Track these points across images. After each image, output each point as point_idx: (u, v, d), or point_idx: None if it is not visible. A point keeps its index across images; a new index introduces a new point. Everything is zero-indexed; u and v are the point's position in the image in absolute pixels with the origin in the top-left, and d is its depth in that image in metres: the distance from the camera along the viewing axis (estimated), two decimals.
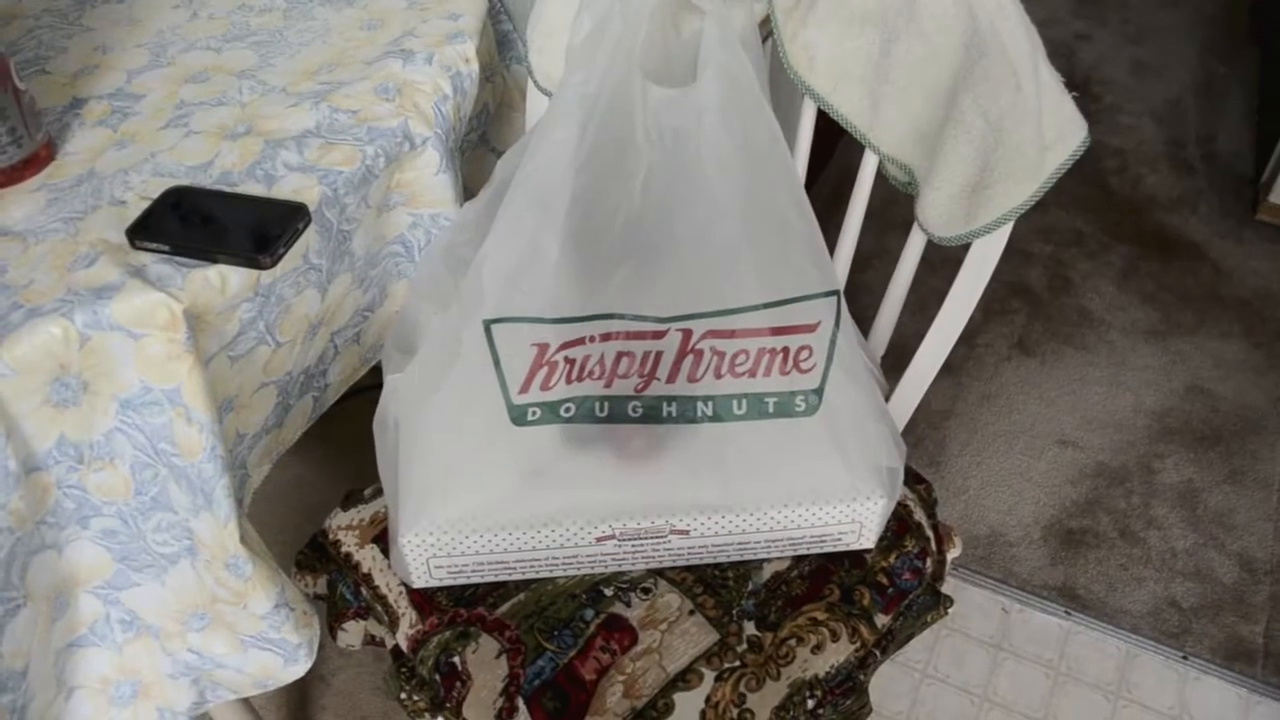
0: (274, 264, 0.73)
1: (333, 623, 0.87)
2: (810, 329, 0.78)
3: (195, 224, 0.73)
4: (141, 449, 0.73)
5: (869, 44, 0.85)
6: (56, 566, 0.76)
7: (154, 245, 0.72)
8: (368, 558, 0.85)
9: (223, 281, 0.72)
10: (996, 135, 0.77)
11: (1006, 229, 0.79)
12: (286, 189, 0.78)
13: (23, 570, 0.72)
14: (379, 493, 0.90)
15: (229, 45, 0.97)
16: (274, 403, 0.84)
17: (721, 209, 0.78)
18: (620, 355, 0.78)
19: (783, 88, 0.90)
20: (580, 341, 0.77)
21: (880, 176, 0.89)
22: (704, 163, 0.78)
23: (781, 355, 0.78)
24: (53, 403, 0.70)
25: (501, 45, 1.08)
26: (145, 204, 0.77)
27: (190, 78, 0.92)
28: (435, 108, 0.87)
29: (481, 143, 1.08)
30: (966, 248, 0.82)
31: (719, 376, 0.78)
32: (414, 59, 0.90)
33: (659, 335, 0.78)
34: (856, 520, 0.81)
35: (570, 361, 0.77)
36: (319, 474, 1.16)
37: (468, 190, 0.95)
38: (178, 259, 0.72)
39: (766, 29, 0.89)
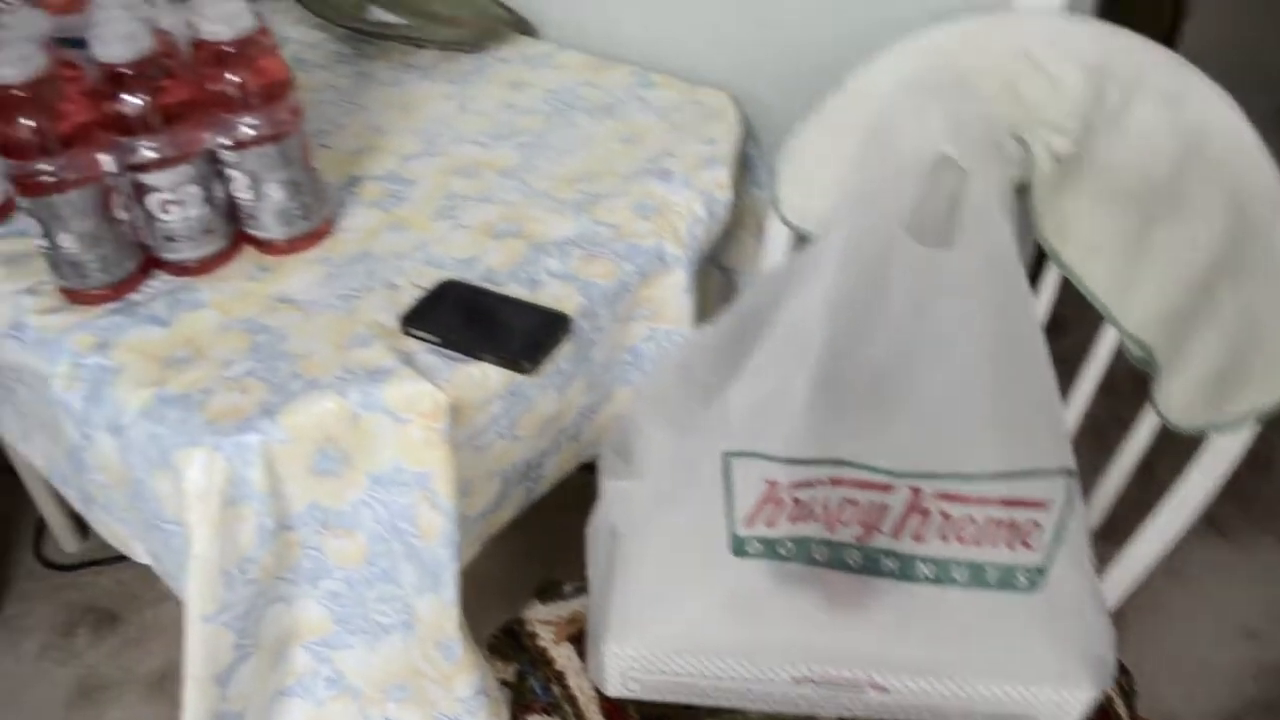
0: (535, 370, 0.76)
1: (518, 712, 0.89)
2: (1041, 505, 0.77)
3: (464, 319, 0.78)
4: (382, 523, 0.77)
5: (1128, 222, 0.85)
6: (283, 619, 0.80)
7: (425, 335, 0.77)
8: (563, 656, 0.87)
9: (484, 379, 0.76)
10: (1253, 329, 0.76)
11: (1251, 428, 0.78)
12: (548, 295, 0.82)
13: (258, 620, 0.77)
14: (580, 591, 0.92)
15: (495, 142, 1.02)
16: (496, 491, 0.87)
17: (965, 372, 0.79)
18: (846, 502, 0.79)
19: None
20: (810, 483, 0.78)
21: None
22: (954, 324, 0.79)
23: (1009, 527, 0.78)
24: (315, 470, 0.74)
25: (742, 168, 1.12)
26: (416, 291, 0.82)
27: (458, 170, 0.98)
28: (689, 230, 0.91)
29: (708, 258, 1.11)
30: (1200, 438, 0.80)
31: (943, 539, 0.78)
32: (672, 180, 0.94)
33: (887, 488, 0.79)
34: (1061, 706, 0.79)
35: (797, 501, 0.78)
36: (506, 556, 1.19)
37: None
38: (445, 351, 0.76)
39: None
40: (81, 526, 1.61)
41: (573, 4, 1.20)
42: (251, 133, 0.80)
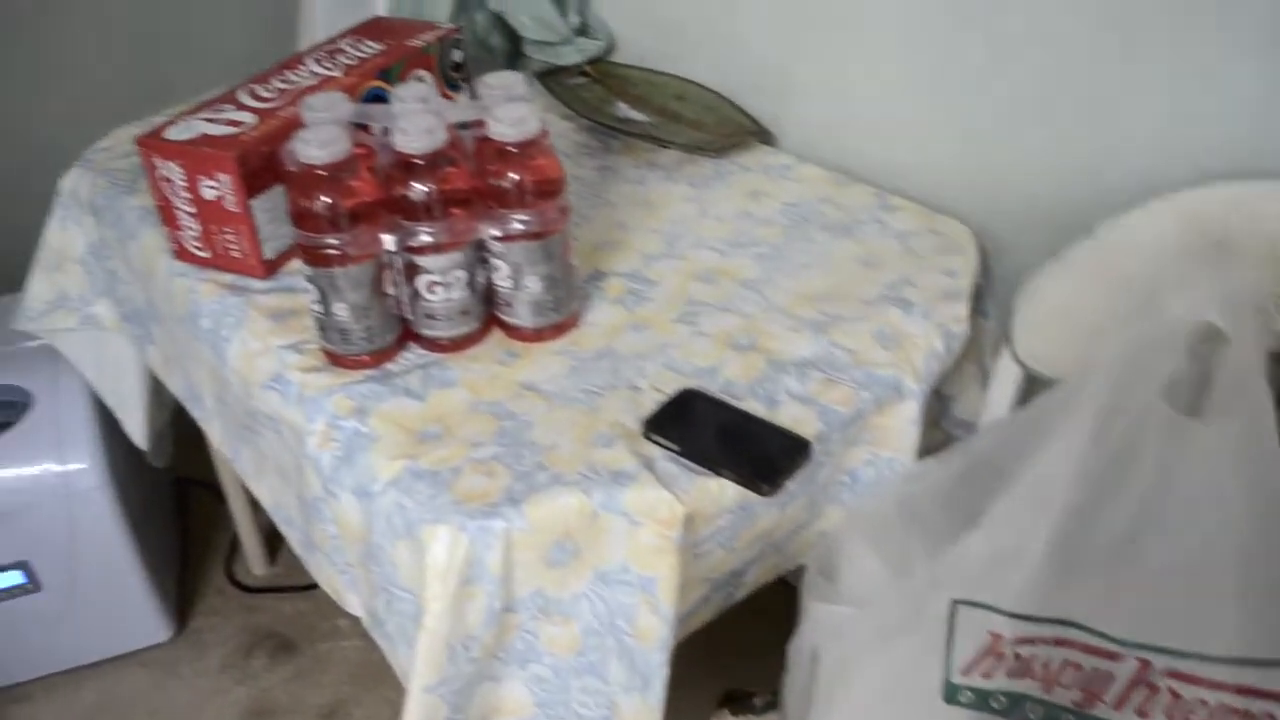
0: (773, 494, 0.77)
1: None
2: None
3: (704, 431, 0.79)
4: (599, 617, 0.79)
5: None
6: (490, 696, 0.82)
7: (666, 443, 0.78)
8: None
9: (720, 493, 0.77)
10: None
11: None
12: (786, 416, 0.83)
13: (470, 695, 0.79)
14: (770, 706, 0.91)
15: (734, 250, 1.04)
16: (700, 596, 0.87)
17: (1212, 545, 0.76)
18: (1068, 664, 0.77)
19: None
20: (1033, 640, 0.76)
21: None
22: (1203, 494, 0.77)
23: (1243, 717, 0.74)
24: (547, 560, 0.76)
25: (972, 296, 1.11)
26: (657, 395, 0.84)
27: (699, 275, 1.00)
28: (925, 364, 0.90)
29: None
30: None
31: (1169, 719, 0.75)
32: (912, 311, 0.94)
33: (1115, 657, 0.76)
34: None
35: (1018, 656, 0.76)
36: (686, 653, 1.19)
37: None
38: (685, 461, 0.78)
39: None
40: (271, 552, 1.69)
41: (816, 119, 1.22)
42: (521, 227, 0.84)
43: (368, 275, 0.84)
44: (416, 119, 0.81)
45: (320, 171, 0.80)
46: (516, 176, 0.83)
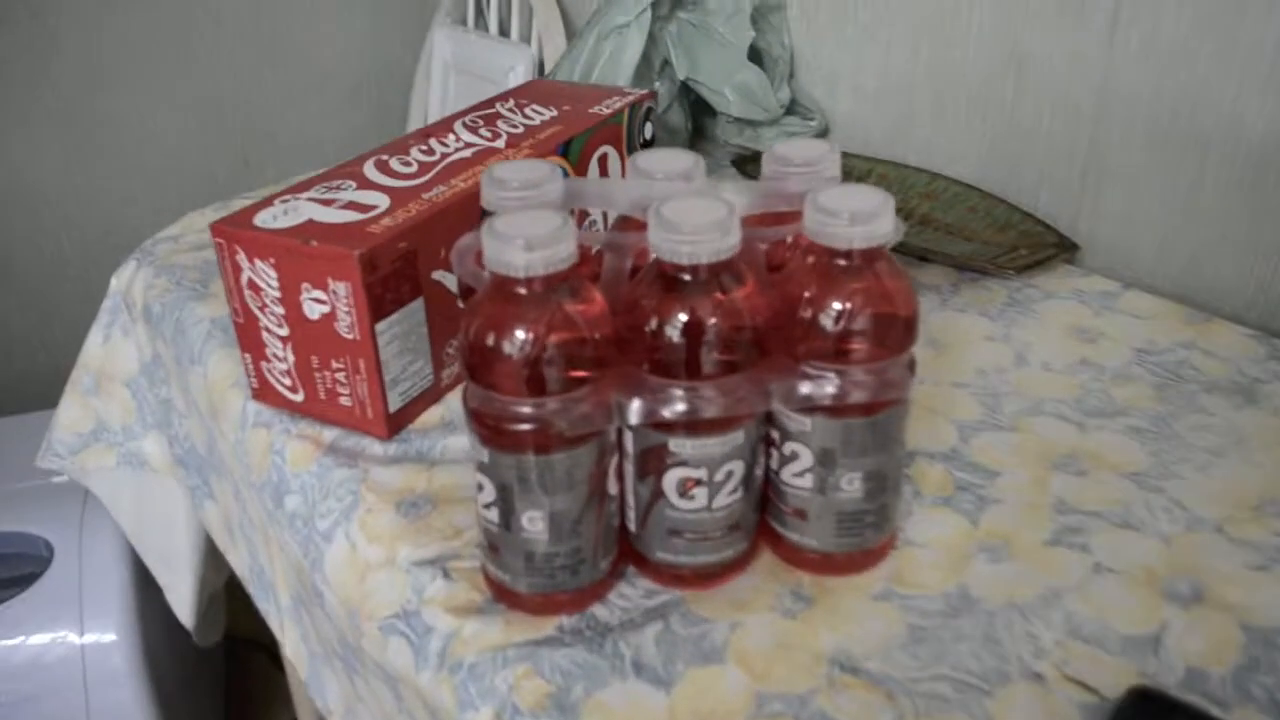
0: None
1: None
2: None
3: None
4: None
5: None
6: None
7: None
8: None
9: None
10: None
11: None
12: None
13: None
14: None
15: (1091, 420, 0.68)
16: None
17: None
18: None
19: None
20: None
21: None
22: None
23: None
24: None
25: None
26: (1079, 694, 0.47)
27: (1055, 460, 0.64)
28: None
29: None
30: None
31: None
32: None
33: None
34: None
35: None
36: None
37: None
38: None
39: None
40: None
41: (1130, 226, 0.87)
42: (843, 392, 0.49)
43: (584, 467, 0.49)
44: (693, 207, 0.46)
45: (522, 289, 0.45)
46: (848, 308, 0.48)
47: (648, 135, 0.90)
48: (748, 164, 1.04)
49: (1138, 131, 0.84)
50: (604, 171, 0.85)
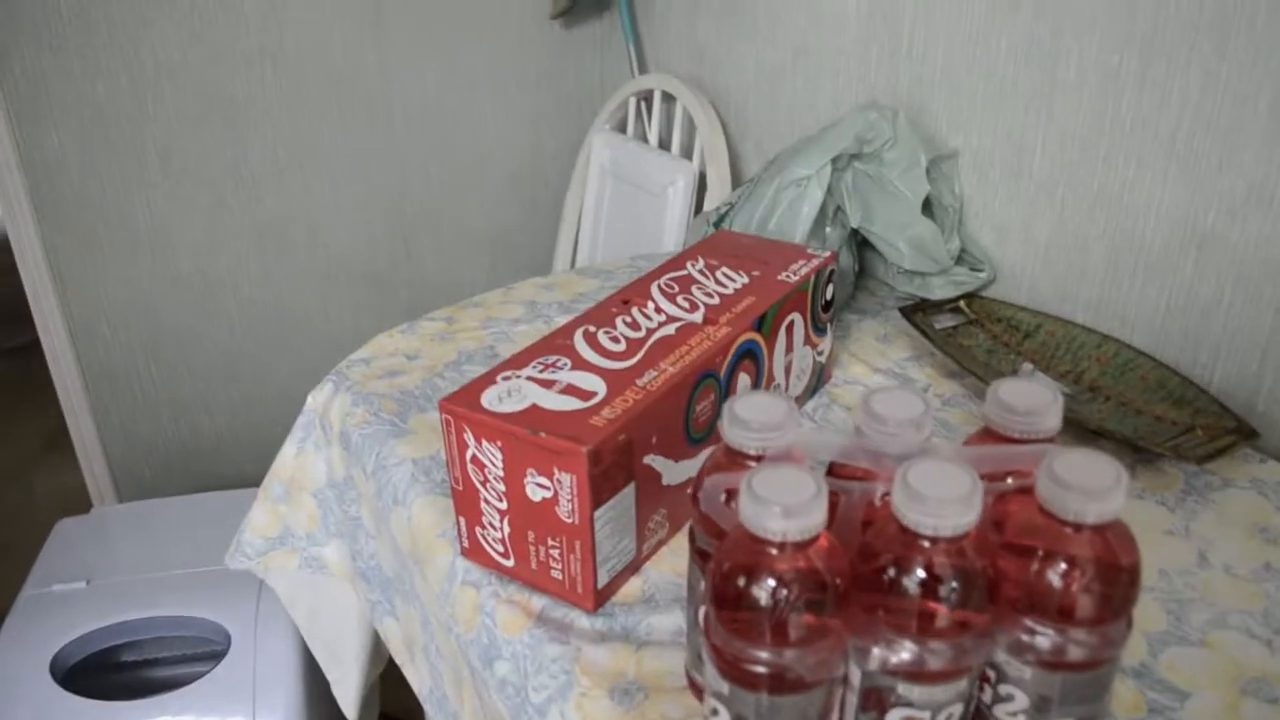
0: None
1: None
2: None
3: None
4: None
5: None
6: None
7: None
8: None
9: None
10: None
11: None
12: None
13: None
14: None
15: (1279, 639, 0.69)
16: None
17: None
18: None
19: None
20: None
21: None
22: None
23: None
24: None
25: None
26: None
27: (1245, 686, 0.66)
28: None
29: None
30: None
31: None
32: None
33: None
34: None
35: None
36: None
37: None
38: None
39: None
40: None
41: None
42: (1051, 645, 0.51)
43: (816, 708, 0.52)
44: (937, 477, 0.49)
45: (775, 549, 0.49)
46: (1076, 574, 0.50)
47: (828, 297, 0.93)
48: (916, 313, 1.06)
49: None
50: (790, 337, 0.88)
